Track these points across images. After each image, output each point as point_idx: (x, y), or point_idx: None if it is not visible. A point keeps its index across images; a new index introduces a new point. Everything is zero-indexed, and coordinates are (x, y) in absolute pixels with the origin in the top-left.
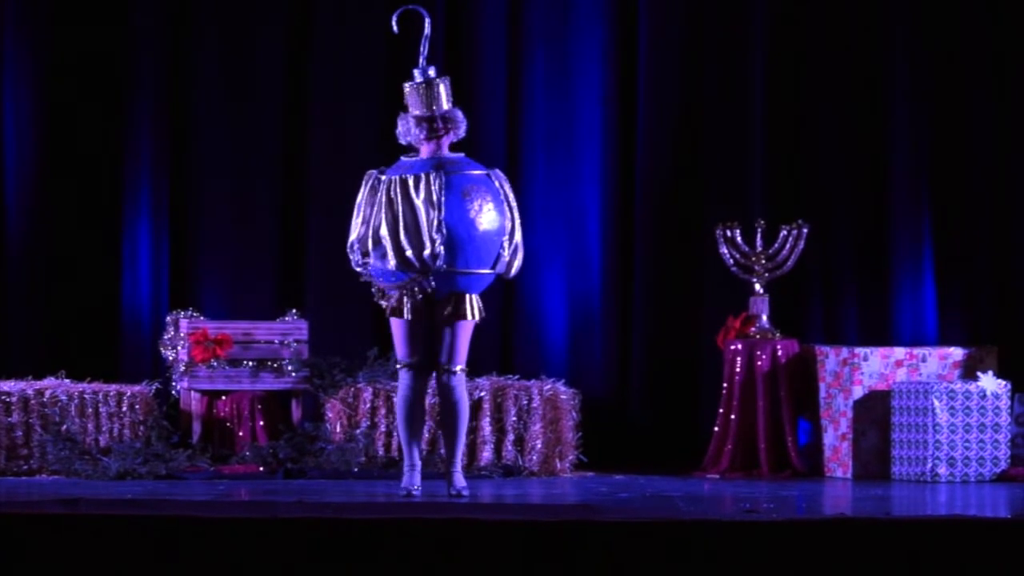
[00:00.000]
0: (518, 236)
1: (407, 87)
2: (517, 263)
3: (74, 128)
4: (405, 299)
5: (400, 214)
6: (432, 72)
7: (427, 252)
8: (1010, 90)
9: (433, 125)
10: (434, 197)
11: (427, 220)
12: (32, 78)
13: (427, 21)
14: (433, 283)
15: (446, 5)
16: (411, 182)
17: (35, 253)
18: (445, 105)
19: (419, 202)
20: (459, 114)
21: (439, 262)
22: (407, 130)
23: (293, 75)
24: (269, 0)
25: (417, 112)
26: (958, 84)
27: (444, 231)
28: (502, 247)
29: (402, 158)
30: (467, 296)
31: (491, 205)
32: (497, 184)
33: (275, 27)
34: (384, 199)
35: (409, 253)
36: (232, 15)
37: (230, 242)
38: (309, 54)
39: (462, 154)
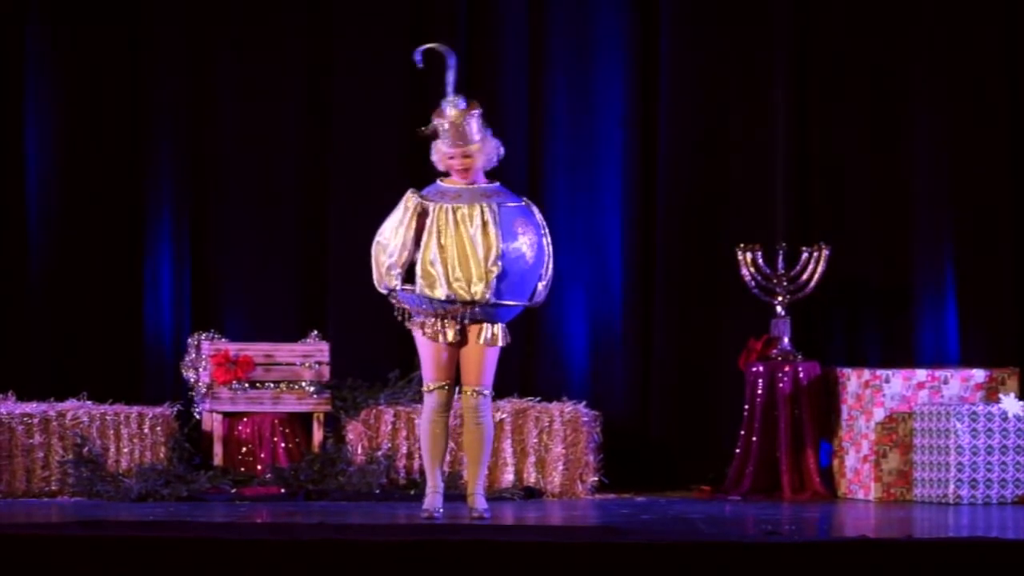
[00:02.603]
0: (551, 268)
1: (436, 121)
2: (547, 294)
3: (96, 152)
4: (439, 325)
5: (451, 245)
6: (462, 103)
7: (480, 284)
8: None
9: (464, 159)
10: (490, 229)
11: (484, 252)
12: (54, 104)
13: (451, 58)
14: (473, 313)
15: (467, 32)
16: (464, 212)
17: (57, 274)
18: (476, 137)
19: (473, 234)
20: (490, 145)
21: (489, 294)
22: (438, 158)
23: (314, 100)
24: (292, 28)
25: (445, 148)
26: (980, 104)
27: (500, 264)
28: (539, 279)
29: (439, 182)
30: (497, 324)
31: (536, 239)
32: (537, 216)
33: (297, 54)
34: (433, 228)
35: (460, 284)
36: (255, 43)
37: (252, 264)
38: (331, 81)
39: (498, 183)
